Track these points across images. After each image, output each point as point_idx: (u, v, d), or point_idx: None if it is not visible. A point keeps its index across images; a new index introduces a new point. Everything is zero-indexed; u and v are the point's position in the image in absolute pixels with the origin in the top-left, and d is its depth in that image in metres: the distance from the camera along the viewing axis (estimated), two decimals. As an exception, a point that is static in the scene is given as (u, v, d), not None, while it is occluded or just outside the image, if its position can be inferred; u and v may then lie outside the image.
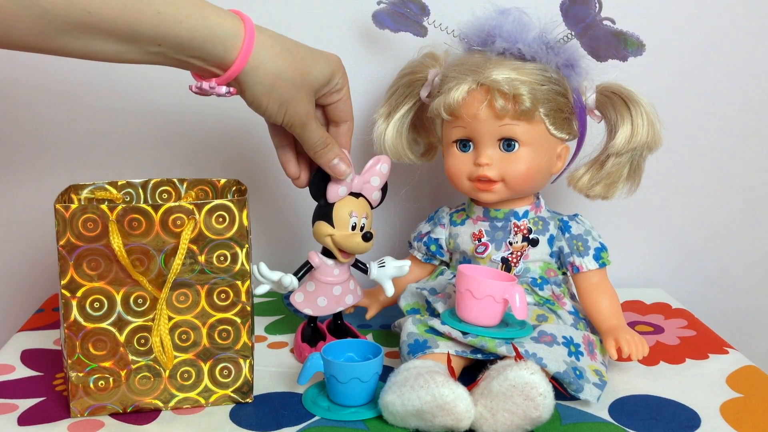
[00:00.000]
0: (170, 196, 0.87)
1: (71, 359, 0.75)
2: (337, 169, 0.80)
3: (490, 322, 0.80)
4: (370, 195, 0.86)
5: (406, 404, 0.71)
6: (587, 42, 0.82)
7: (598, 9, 0.79)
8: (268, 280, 0.83)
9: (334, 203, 0.83)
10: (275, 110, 0.73)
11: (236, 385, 0.79)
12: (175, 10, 0.65)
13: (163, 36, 0.65)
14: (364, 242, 0.82)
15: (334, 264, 0.86)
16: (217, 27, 0.67)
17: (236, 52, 0.68)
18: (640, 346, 0.81)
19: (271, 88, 0.71)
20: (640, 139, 0.83)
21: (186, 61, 0.69)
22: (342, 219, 0.83)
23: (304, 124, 0.75)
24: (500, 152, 0.84)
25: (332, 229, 0.83)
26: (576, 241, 0.86)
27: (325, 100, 0.79)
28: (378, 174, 0.85)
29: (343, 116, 0.81)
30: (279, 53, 0.71)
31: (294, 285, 0.84)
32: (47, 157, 1.09)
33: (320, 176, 0.82)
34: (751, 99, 1.11)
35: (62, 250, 0.72)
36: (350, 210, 0.83)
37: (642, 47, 0.79)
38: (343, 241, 0.83)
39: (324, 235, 0.83)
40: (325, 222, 0.83)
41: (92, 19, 0.62)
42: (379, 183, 0.86)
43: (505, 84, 0.80)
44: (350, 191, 0.84)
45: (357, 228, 0.83)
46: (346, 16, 1.04)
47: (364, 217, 0.84)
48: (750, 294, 1.20)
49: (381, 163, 0.86)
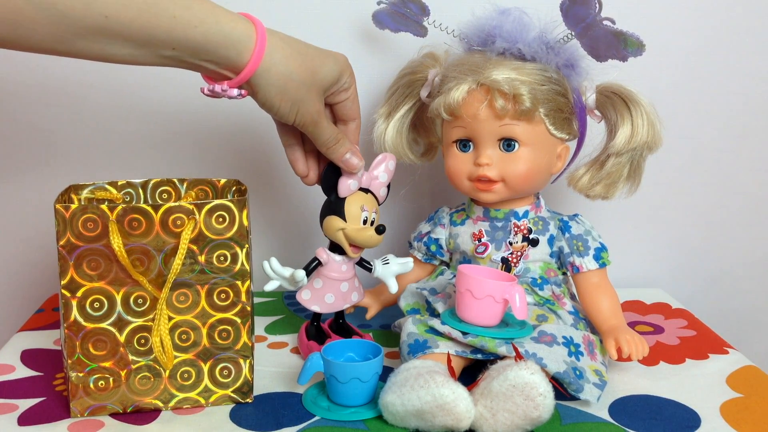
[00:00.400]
0: (170, 196, 0.87)
1: (71, 359, 0.75)
2: (350, 162, 0.81)
3: (490, 322, 0.80)
4: (378, 191, 0.86)
5: (406, 404, 0.71)
6: (587, 42, 0.82)
7: (598, 9, 0.79)
8: (280, 276, 0.83)
9: (345, 198, 0.83)
10: (287, 110, 0.74)
11: (236, 385, 0.79)
12: (189, 15, 0.66)
13: (177, 40, 0.66)
14: (377, 235, 0.82)
15: (343, 260, 0.86)
16: (230, 31, 0.68)
17: (249, 54, 0.69)
18: (641, 346, 0.81)
19: (282, 89, 0.72)
20: (640, 139, 0.83)
21: (199, 65, 0.70)
22: (354, 213, 0.83)
23: (315, 123, 0.76)
24: (500, 152, 0.84)
25: (344, 223, 0.83)
26: (576, 241, 0.86)
27: (334, 98, 0.80)
28: (386, 170, 0.86)
29: (351, 114, 0.82)
30: (290, 55, 0.72)
31: (305, 281, 0.84)
32: (47, 157, 1.09)
33: (331, 171, 0.83)
34: (751, 99, 1.11)
35: (62, 250, 0.72)
36: (361, 204, 0.83)
37: (642, 47, 0.79)
38: (355, 234, 0.83)
39: (336, 230, 0.83)
40: (337, 216, 0.83)
41: (109, 23, 0.63)
42: (386, 179, 0.87)
43: (505, 84, 0.80)
44: (360, 186, 0.84)
45: (368, 222, 0.84)
46: (346, 16, 1.04)
47: (374, 212, 0.85)
48: (750, 294, 1.20)
49: (388, 160, 0.87)
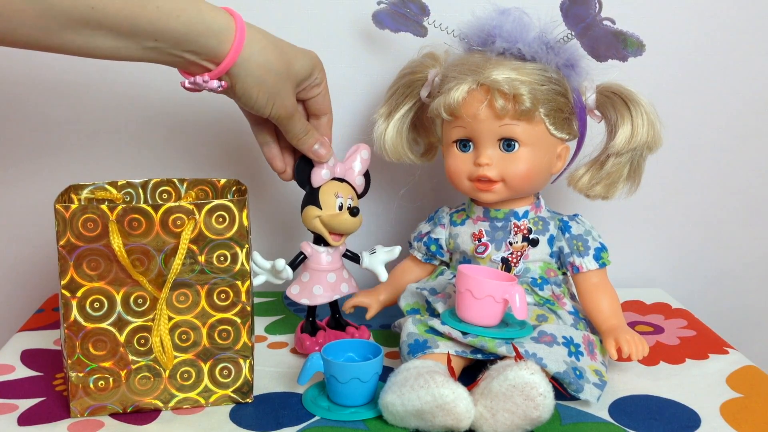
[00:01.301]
0: (170, 196, 0.87)
1: (71, 359, 0.75)
2: (319, 153, 0.84)
3: (490, 322, 0.80)
4: (354, 180, 0.89)
5: (406, 404, 0.71)
6: (587, 42, 0.82)
7: (598, 9, 0.78)
8: (262, 268, 0.86)
9: (319, 187, 0.86)
10: (264, 102, 0.76)
11: (236, 385, 0.79)
12: (172, 5, 0.68)
13: (161, 31, 0.68)
14: (351, 217, 0.85)
15: (326, 250, 0.88)
16: (211, 21, 0.70)
17: (229, 44, 0.71)
18: (641, 346, 0.81)
19: (261, 80, 0.74)
20: (640, 139, 0.83)
21: (180, 56, 0.71)
22: (328, 200, 0.86)
23: (290, 116, 0.79)
24: (500, 152, 0.84)
25: (319, 210, 0.85)
26: (576, 241, 0.86)
27: (306, 94, 0.82)
28: (359, 160, 0.89)
29: (323, 109, 0.85)
30: (267, 46, 0.74)
31: (288, 272, 0.86)
32: (47, 157, 1.09)
33: (303, 163, 0.86)
34: (751, 99, 1.11)
35: (62, 250, 0.72)
36: (335, 191, 0.86)
37: (642, 47, 0.79)
38: (330, 220, 0.85)
39: (312, 218, 0.86)
40: (313, 205, 0.86)
41: (95, 14, 0.64)
42: (360, 168, 0.89)
43: (505, 84, 0.80)
44: (334, 176, 0.87)
45: (344, 208, 0.86)
46: (346, 16, 1.04)
47: (350, 198, 0.87)
48: (750, 294, 1.20)
49: (361, 150, 0.90)
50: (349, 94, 1.06)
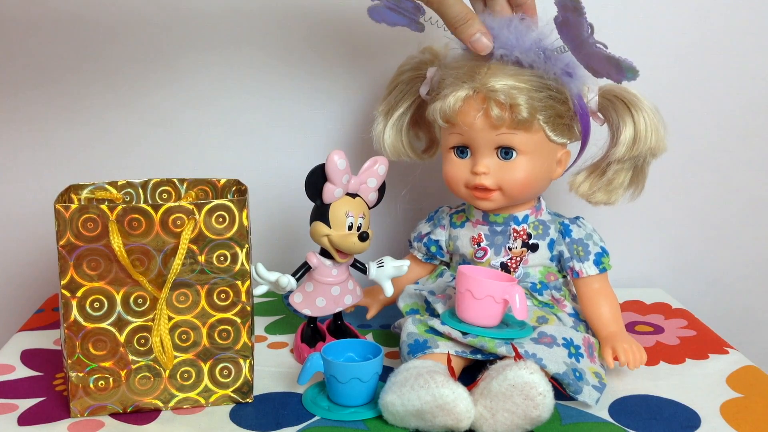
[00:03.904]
0: (170, 196, 0.87)
1: (71, 359, 0.75)
2: (479, 44, 0.79)
3: (490, 322, 0.80)
4: (367, 196, 0.86)
5: (406, 404, 0.71)
6: (583, 59, 0.79)
7: (590, 32, 0.75)
8: (266, 280, 0.84)
9: (330, 204, 0.83)
10: None
11: (236, 385, 0.78)
12: None
13: None
14: (360, 242, 0.82)
15: (332, 264, 0.86)
16: None
17: None
18: (638, 355, 0.81)
19: None
20: (643, 145, 0.81)
21: None
22: (338, 219, 0.83)
23: None
24: (498, 160, 0.82)
25: (329, 229, 0.83)
26: (576, 245, 0.85)
27: None
28: (375, 175, 0.86)
29: None
30: None
31: (292, 285, 0.84)
32: (47, 157, 1.09)
33: (317, 177, 0.82)
34: (751, 99, 1.11)
35: (62, 250, 0.72)
36: (346, 210, 0.83)
37: (636, 73, 0.76)
38: (339, 241, 0.83)
39: (321, 236, 0.83)
40: (322, 222, 0.83)
41: None
42: (375, 184, 0.86)
43: (501, 93, 0.78)
44: (346, 192, 0.84)
45: (354, 228, 0.83)
46: (346, 15, 1.04)
47: (361, 216, 0.84)
48: (750, 294, 1.20)
49: (378, 165, 0.86)
50: (349, 92, 1.06)
